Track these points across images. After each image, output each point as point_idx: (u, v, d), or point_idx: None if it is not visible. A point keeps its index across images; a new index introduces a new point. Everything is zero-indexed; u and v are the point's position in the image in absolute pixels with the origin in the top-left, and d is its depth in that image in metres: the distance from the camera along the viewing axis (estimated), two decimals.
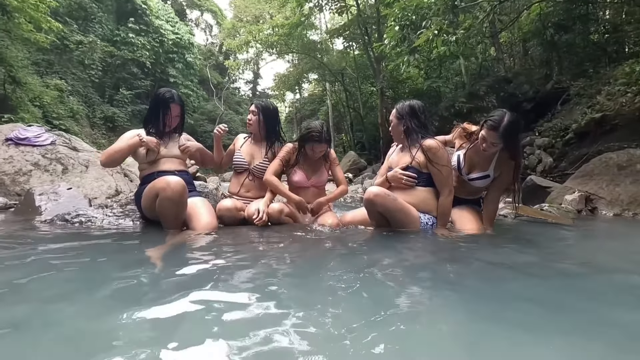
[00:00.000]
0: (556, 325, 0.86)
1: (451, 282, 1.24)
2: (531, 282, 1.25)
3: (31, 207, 2.28)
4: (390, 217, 2.02)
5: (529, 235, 2.20)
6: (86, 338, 0.76)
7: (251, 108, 2.54)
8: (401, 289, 1.13)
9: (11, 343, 0.73)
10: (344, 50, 18.57)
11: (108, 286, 1.08)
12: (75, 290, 1.05)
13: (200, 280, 1.18)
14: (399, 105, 2.21)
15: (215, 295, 1.02)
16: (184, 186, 1.87)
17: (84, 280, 1.16)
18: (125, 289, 1.07)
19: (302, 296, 1.06)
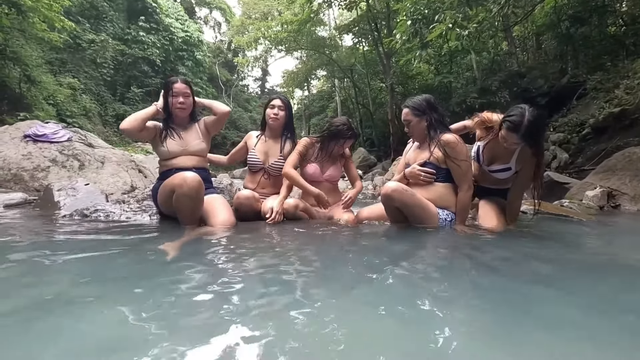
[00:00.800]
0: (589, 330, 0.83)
1: (471, 280, 1.21)
2: (554, 280, 1.21)
3: (50, 203, 2.31)
4: (408, 212, 2.00)
5: (550, 232, 2.15)
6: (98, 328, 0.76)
7: (277, 103, 2.46)
8: (417, 288, 1.10)
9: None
10: (353, 46, 18.44)
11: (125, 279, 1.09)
12: (90, 284, 1.06)
13: (214, 274, 1.18)
14: (412, 103, 2.12)
15: (230, 288, 1.02)
16: (200, 182, 1.86)
17: (101, 274, 1.17)
18: (146, 281, 1.07)
19: (317, 291, 1.04)
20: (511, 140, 1.89)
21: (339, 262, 1.40)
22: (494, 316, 0.89)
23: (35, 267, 1.18)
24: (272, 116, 2.45)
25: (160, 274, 1.17)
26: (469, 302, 0.99)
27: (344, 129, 2.34)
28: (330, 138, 2.36)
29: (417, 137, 2.21)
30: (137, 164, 3.35)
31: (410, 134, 2.21)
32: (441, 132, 2.06)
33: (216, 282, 1.07)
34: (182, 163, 2.16)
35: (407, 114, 2.15)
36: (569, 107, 8.72)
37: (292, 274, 1.20)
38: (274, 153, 2.50)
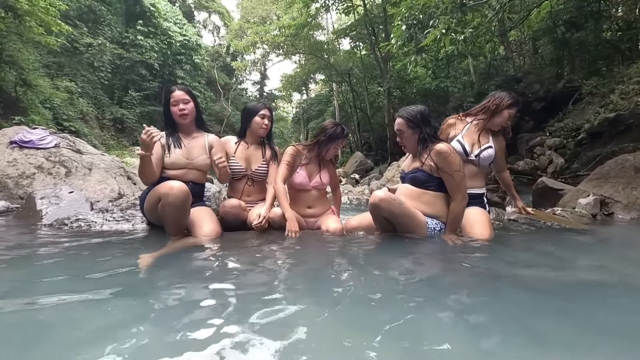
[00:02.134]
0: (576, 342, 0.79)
1: (455, 293, 1.17)
2: (544, 293, 1.18)
3: (32, 211, 2.26)
4: (396, 222, 1.96)
5: (541, 241, 2.11)
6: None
7: (267, 113, 2.41)
8: (402, 300, 1.07)
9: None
10: (350, 51, 18.50)
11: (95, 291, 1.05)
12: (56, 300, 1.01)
13: (187, 289, 1.14)
14: (407, 114, 2.07)
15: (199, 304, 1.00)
16: (187, 193, 1.82)
17: (67, 287, 1.12)
18: (120, 290, 1.03)
19: (301, 305, 1.01)
20: (512, 113, 2.26)
21: (324, 277, 1.37)
22: (485, 333, 0.85)
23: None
24: (263, 127, 2.41)
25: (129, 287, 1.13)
26: (458, 318, 0.95)
27: (337, 130, 2.34)
28: (328, 141, 2.33)
29: (409, 149, 2.16)
30: (127, 170, 3.31)
31: (401, 144, 2.17)
32: (433, 142, 2.03)
33: (187, 298, 1.04)
34: (182, 177, 2.08)
35: (401, 124, 2.10)
36: (565, 112, 8.71)
37: (273, 289, 1.17)
38: (256, 159, 2.44)
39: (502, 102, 2.23)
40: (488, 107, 2.29)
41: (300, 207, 2.34)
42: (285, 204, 2.16)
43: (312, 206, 2.36)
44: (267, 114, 2.42)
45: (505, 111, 2.24)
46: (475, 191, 2.25)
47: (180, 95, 2.15)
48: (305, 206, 2.35)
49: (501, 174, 2.50)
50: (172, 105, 2.14)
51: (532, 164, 7.87)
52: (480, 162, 2.27)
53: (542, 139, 8.41)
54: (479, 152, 2.26)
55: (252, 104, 2.49)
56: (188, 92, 2.20)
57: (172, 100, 2.14)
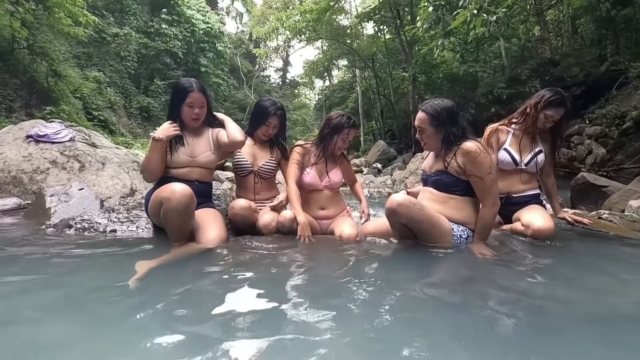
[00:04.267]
0: None
1: (483, 326, 0.98)
2: (592, 328, 0.97)
3: (41, 209, 2.22)
4: (416, 229, 1.76)
5: (586, 255, 1.84)
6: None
7: (275, 122, 2.27)
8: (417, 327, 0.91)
9: None
10: (374, 35, 17.88)
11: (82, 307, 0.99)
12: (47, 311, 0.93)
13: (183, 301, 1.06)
14: (432, 110, 1.82)
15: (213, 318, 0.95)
16: (190, 197, 1.68)
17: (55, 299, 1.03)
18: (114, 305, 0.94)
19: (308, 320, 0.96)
20: (557, 115, 2.09)
21: (334, 291, 1.24)
22: None
23: None
24: (266, 134, 2.30)
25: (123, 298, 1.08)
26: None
27: (343, 120, 2.16)
28: (332, 133, 2.16)
29: (430, 148, 1.94)
30: (140, 164, 3.25)
31: (422, 142, 1.93)
32: (460, 141, 1.79)
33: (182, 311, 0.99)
34: (186, 175, 1.97)
35: (423, 120, 1.85)
36: (608, 98, 8.03)
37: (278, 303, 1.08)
38: (263, 155, 2.31)
39: (540, 102, 2.09)
40: (527, 111, 2.15)
41: (313, 208, 2.18)
42: (297, 206, 2.01)
43: (325, 207, 2.19)
44: (273, 122, 2.26)
45: (542, 113, 2.10)
46: (532, 192, 2.20)
47: (198, 97, 1.98)
48: (318, 207, 2.19)
49: (546, 179, 2.29)
50: (188, 105, 1.98)
51: (568, 154, 7.33)
52: (530, 169, 2.18)
53: (580, 127, 7.82)
54: (530, 159, 2.16)
55: (265, 104, 2.28)
56: (204, 92, 2.04)
57: (189, 101, 1.97)
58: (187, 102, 1.97)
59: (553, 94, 2.08)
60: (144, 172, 1.97)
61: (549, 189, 2.28)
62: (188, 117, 2.01)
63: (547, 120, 2.10)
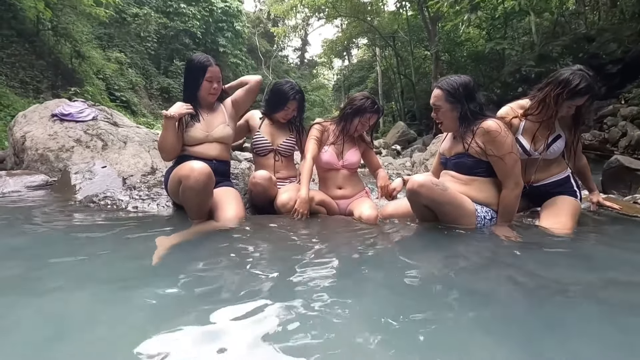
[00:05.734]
0: None
1: (507, 314, 0.95)
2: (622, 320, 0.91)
3: (67, 186, 2.29)
4: (438, 211, 1.71)
5: (621, 241, 1.74)
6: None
7: (294, 107, 2.26)
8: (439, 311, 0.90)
9: None
10: (396, 11, 17.21)
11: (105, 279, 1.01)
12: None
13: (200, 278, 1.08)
14: (447, 85, 1.73)
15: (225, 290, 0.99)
16: (209, 175, 1.69)
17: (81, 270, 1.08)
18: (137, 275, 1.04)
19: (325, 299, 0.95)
20: (582, 102, 1.77)
21: (352, 272, 1.22)
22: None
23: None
24: (285, 118, 2.30)
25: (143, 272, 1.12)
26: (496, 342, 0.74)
27: (367, 103, 2.08)
28: (354, 115, 2.10)
29: (447, 127, 1.84)
30: None
31: (437, 120, 1.84)
32: (478, 120, 1.71)
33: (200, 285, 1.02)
34: (204, 152, 1.98)
35: (438, 97, 1.76)
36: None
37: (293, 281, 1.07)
38: (282, 134, 2.31)
39: (563, 92, 1.72)
40: (546, 102, 1.78)
41: (330, 188, 2.15)
42: (305, 180, 1.96)
43: (343, 186, 2.16)
44: (291, 107, 2.26)
45: (565, 104, 1.76)
46: (556, 178, 1.93)
47: (216, 71, 1.99)
48: (335, 187, 2.16)
49: (577, 162, 2.03)
50: (208, 80, 1.98)
51: (600, 136, 6.97)
52: (549, 156, 1.91)
53: (615, 108, 7.38)
54: (546, 147, 1.86)
55: (284, 88, 2.25)
56: (221, 68, 2.05)
57: (208, 76, 1.97)
58: (207, 77, 1.97)
59: (579, 81, 1.70)
60: (160, 151, 1.99)
61: (581, 170, 2.06)
62: (206, 92, 2.01)
63: (571, 110, 1.82)
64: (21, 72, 10.88)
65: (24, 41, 11.39)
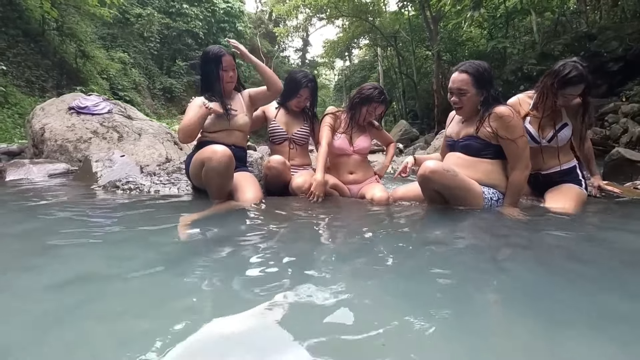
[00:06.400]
0: None
1: (517, 283, 1.02)
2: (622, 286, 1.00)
3: (89, 174, 2.39)
4: (448, 194, 1.79)
5: (617, 220, 1.83)
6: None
7: (307, 95, 2.35)
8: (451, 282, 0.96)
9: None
10: (397, 12, 17.30)
11: (138, 256, 1.08)
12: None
13: (226, 250, 1.15)
14: (475, 70, 1.78)
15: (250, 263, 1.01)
16: (230, 157, 1.79)
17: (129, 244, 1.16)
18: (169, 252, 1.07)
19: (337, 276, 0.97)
20: (577, 92, 1.84)
21: (364, 250, 1.28)
22: (530, 321, 0.72)
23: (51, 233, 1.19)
24: (299, 106, 2.39)
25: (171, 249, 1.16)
26: (507, 310, 0.83)
27: (375, 93, 2.19)
28: (362, 103, 2.21)
29: (467, 112, 1.88)
30: (173, 136, 3.40)
31: (457, 105, 1.87)
32: (493, 105, 1.79)
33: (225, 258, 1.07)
34: (223, 138, 2.08)
35: (466, 82, 1.79)
36: None
37: (308, 258, 1.13)
38: (297, 122, 2.41)
39: (555, 82, 1.81)
40: (544, 92, 1.87)
41: (342, 173, 2.25)
42: (321, 165, 2.06)
43: (354, 172, 2.25)
44: (304, 95, 2.35)
45: (560, 94, 1.83)
46: (563, 167, 2.00)
47: (230, 61, 2.11)
48: (347, 172, 2.25)
49: (582, 148, 2.09)
50: (224, 70, 2.09)
51: (601, 133, 7.03)
52: (554, 145, 1.97)
53: (616, 105, 7.44)
54: (553, 135, 1.94)
55: (297, 76, 2.35)
56: (234, 57, 2.15)
57: (224, 65, 2.09)
58: (223, 67, 2.08)
59: (569, 70, 1.78)
60: (182, 133, 2.04)
61: (585, 155, 2.12)
62: (224, 81, 2.11)
63: (568, 100, 1.88)
64: (27, 71, 11.00)
65: (29, 41, 11.52)
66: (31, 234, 1.30)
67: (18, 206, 1.77)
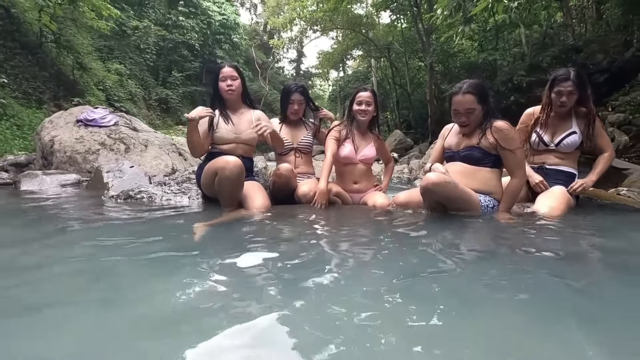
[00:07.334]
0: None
1: (512, 283, 1.14)
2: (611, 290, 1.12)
3: (100, 184, 2.48)
4: (448, 204, 1.92)
5: (601, 222, 1.98)
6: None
7: (298, 98, 2.51)
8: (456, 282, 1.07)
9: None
10: (390, 24, 17.73)
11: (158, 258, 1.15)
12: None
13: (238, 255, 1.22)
14: (475, 89, 1.91)
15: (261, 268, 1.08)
16: (242, 167, 1.91)
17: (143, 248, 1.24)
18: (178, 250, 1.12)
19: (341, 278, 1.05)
20: (565, 88, 2.09)
21: (368, 254, 1.38)
22: (529, 319, 0.84)
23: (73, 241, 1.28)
24: (293, 112, 2.55)
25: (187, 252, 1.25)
26: (501, 306, 0.94)
27: (359, 88, 2.39)
28: (351, 103, 2.38)
29: (472, 127, 2.00)
30: (178, 147, 3.50)
31: (465, 124, 1.98)
32: (491, 118, 1.95)
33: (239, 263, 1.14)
34: (231, 151, 2.19)
35: (472, 101, 1.91)
36: (632, 84, 7.88)
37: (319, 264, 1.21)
38: (300, 132, 2.59)
39: (548, 84, 2.17)
40: (545, 99, 2.20)
41: (347, 182, 2.37)
42: (325, 175, 2.18)
43: (358, 181, 2.37)
44: (299, 98, 2.51)
45: (553, 93, 2.14)
46: (564, 168, 2.24)
47: (229, 71, 2.24)
48: (352, 181, 2.37)
49: (596, 151, 2.28)
50: (221, 80, 2.23)
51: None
52: (563, 149, 2.21)
53: (603, 115, 7.70)
54: (561, 139, 2.19)
55: (287, 86, 2.58)
56: (236, 68, 2.29)
57: (221, 77, 2.23)
58: (220, 78, 2.23)
59: (558, 72, 2.14)
60: (190, 149, 2.16)
61: (597, 159, 2.28)
62: (224, 91, 2.24)
63: (559, 97, 2.12)
64: (24, 83, 11.02)
65: (27, 53, 11.57)
66: (58, 237, 1.39)
67: (38, 214, 1.85)
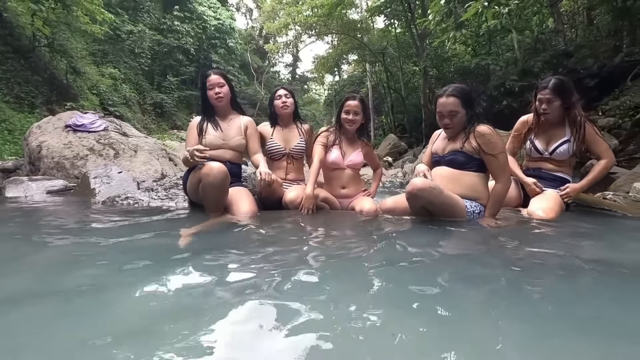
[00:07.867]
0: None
1: (498, 290, 1.14)
2: (591, 295, 1.12)
3: (87, 190, 2.46)
4: (434, 209, 1.92)
5: (587, 227, 1.98)
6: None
7: (283, 92, 2.54)
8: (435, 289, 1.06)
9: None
10: (385, 29, 17.86)
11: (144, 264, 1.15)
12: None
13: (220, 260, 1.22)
14: (460, 93, 1.93)
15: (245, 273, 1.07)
16: (225, 173, 1.91)
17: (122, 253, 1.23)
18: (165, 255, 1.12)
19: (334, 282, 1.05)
20: (546, 96, 2.16)
21: (354, 258, 1.38)
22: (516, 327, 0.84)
23: (56, 248, 1.27)
24: (282, 105, 2.51)
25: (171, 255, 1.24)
26: (487, 313, 0.94)
27: (348, 95, 2.40)
28: (340, 109, 2.40)
29: (456, 131, 2.01)
30: (168, 152, 3.49)
31: (449, 126, 2.00)
32: (475, 122, 1.96)
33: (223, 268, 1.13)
34: (218, 156, 2.20)
35: (456, 105, 1.92)
36: (622, 89, 7.99)
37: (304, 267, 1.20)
38: (294, 138, 2.56)
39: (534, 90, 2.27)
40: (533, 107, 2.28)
41: (335, 187, 2.37)
42: (312, 180, 2.18)
43: (346, 186, 2.37)
44: (282, 93, 2.54)
45: (534, 99, 2.25)
46: (558, 174, 2.29)
47: (215, 79, 2.26)
48: (340, 186, 2.37)
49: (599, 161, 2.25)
50: (209, 89, 2.26)
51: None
52: (557, 157, 2.26)
53: (593, 119, 7.80)
54: (554, 148, 2.25)
55: (273, 90, 2.62)
56: (223, 75, 2.31)
57: (209, 85, 2.26)
58: (208, 86, 2.25)
59: (542, 81, 2.24)
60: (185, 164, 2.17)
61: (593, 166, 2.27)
62: (212, 99, 2.26)
63: (540, 105, 2.21)
64: (16, 87, 10.96)
65: (19, 57, 11.52)
66: (35, 247, 1.37)
67: (19, 222, 1.83)
